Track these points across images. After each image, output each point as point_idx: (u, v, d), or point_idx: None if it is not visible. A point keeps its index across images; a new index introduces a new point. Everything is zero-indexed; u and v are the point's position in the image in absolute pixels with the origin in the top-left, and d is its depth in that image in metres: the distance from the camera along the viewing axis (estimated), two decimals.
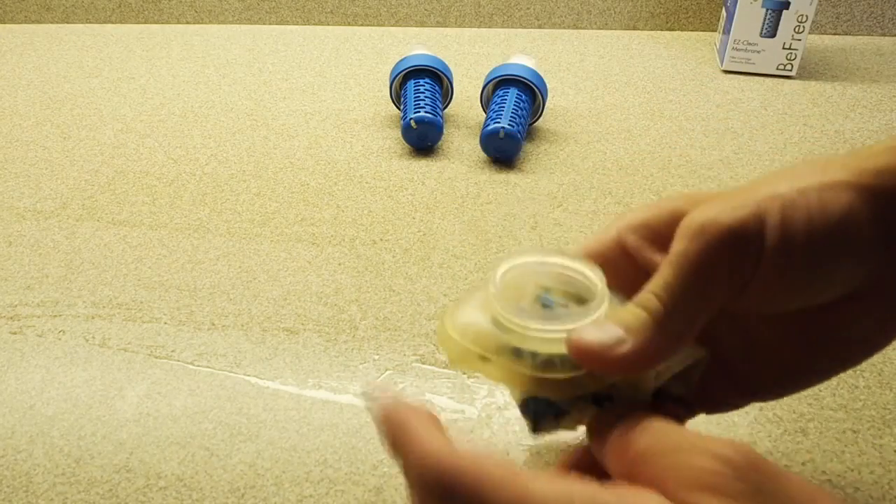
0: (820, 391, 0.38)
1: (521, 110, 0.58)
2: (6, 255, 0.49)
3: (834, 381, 0.38)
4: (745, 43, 0.71)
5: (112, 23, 0.88)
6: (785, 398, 0.37)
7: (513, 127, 0.56)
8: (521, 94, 0.58)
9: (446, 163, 0.58)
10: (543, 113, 0.61)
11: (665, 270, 0.24)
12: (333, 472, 0.34)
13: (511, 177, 0.56)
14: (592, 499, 0.20)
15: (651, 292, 0.24)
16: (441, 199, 0.54)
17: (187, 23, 0.87)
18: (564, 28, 0.84)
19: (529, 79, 0.58)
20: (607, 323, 0.24)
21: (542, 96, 0.59)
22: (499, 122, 0.56)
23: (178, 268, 0.47)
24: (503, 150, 0.57)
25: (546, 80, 0.60)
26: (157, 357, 0.41)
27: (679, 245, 0.24)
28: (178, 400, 0.38)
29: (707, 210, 0.24)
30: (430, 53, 0.62)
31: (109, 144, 0.62)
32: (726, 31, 0.73)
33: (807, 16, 0.68)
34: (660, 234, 0.26)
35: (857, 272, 0.25)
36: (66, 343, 0.42)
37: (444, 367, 0.39)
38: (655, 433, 0.22)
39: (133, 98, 0.70)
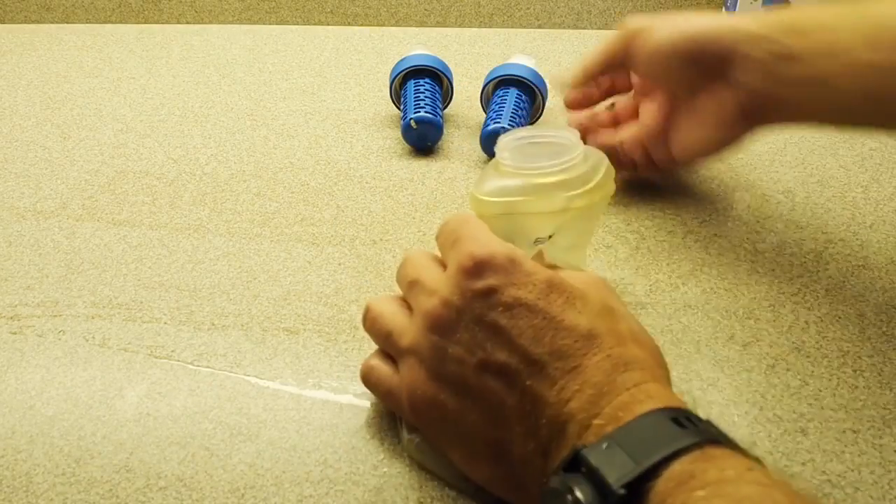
0: (820, 391, 0.38)
1: (522, 110, 0.58)
2: (6, 255, 0.49)
3: (834, 381, 0.38)
4: None
5: (112, 23, 0.88)
6: (785, 398, 0.37)
7: (513, 127, 0.56)
8: (521, 94, 0.58)
9: (446, 163, 0.58)
10: (544, 113, 0.61)
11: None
12: (333, 472, 0.34)
13: None
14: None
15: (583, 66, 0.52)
16: (441, 199, 0.54)
17: (187, 23, 0.87)
18: (564, 28, 0.84)
19: (529, 79, 0.58)
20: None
21: (542, 96, 0.59)
22: (499, 122, 0.56)
23: (178, 268, 0.47)
24: None
25: (546, 81, 0.60)
26: (157, 357, 0.41)
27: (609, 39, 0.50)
28: (178, 400, 0.38)
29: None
30: (430, 53, 0.62)
31: (109, 144, 0.62)
32: None
33: None
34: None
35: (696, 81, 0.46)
36: (66, 343, 0.42)
37: None
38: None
39: (133, 98, 0.70)
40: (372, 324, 0.35)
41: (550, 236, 0.37)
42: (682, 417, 0.26)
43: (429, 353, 0.32)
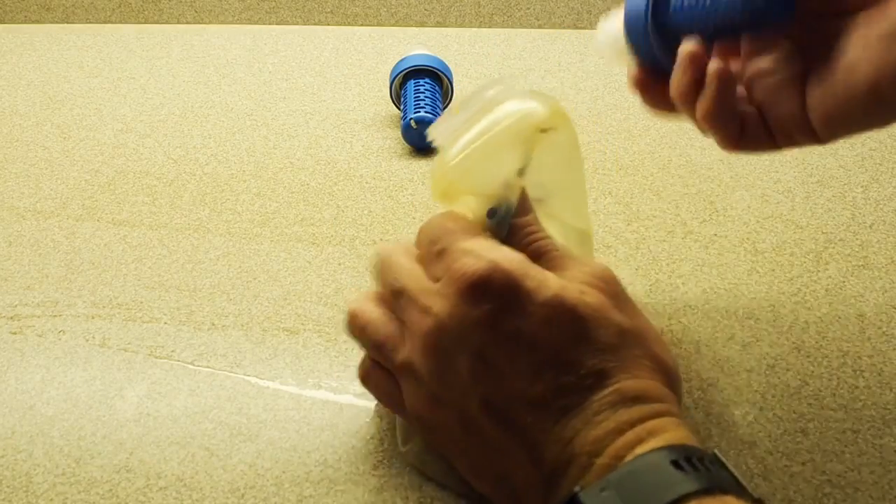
0: (820, 391, 0.38)
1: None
2: (6, 255, 0.49)
3: (834, 381, 0.38)
4: None
5: (112, 23, 0.88)
6: (785, 398, 0.37)
7: None
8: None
9: None
10: None
11: None
12: (333, 472, 0.34)
13: None
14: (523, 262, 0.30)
15: None
16: None
17: (187, 23, 0.87)
18: (564, 28, 0.84)
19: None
20: None
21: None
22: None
23: (178, 268, 0.47)
24: None
25: (546, 80, 0.60)
26: (157, 357, 0.41)
27: None
28: (178, 400, 0.38)
29: None
30: (430, 53, 0.62)
31: (109, 144, 0.62)
32: None
33: None
34: None
35: None
36: (66, 343, 0.42)
37: None
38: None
39: (133, 98, 0.70)
40: (361, 333, 0.33)
41: (521, 170, 0.33)
42: (682, 459, 0.25)
43: (427, 376, 0.30)
